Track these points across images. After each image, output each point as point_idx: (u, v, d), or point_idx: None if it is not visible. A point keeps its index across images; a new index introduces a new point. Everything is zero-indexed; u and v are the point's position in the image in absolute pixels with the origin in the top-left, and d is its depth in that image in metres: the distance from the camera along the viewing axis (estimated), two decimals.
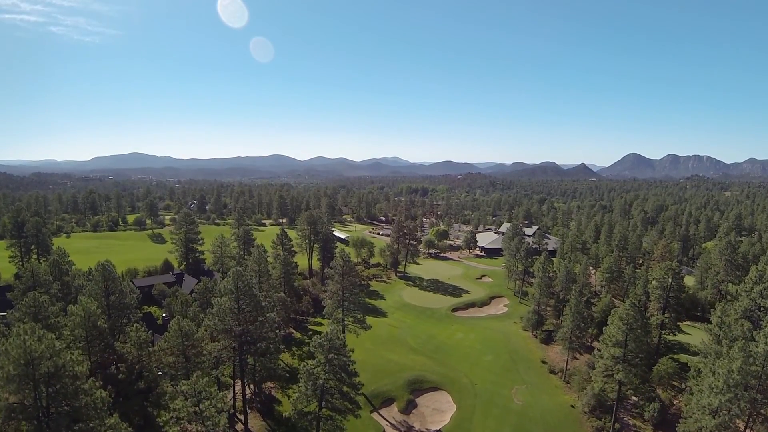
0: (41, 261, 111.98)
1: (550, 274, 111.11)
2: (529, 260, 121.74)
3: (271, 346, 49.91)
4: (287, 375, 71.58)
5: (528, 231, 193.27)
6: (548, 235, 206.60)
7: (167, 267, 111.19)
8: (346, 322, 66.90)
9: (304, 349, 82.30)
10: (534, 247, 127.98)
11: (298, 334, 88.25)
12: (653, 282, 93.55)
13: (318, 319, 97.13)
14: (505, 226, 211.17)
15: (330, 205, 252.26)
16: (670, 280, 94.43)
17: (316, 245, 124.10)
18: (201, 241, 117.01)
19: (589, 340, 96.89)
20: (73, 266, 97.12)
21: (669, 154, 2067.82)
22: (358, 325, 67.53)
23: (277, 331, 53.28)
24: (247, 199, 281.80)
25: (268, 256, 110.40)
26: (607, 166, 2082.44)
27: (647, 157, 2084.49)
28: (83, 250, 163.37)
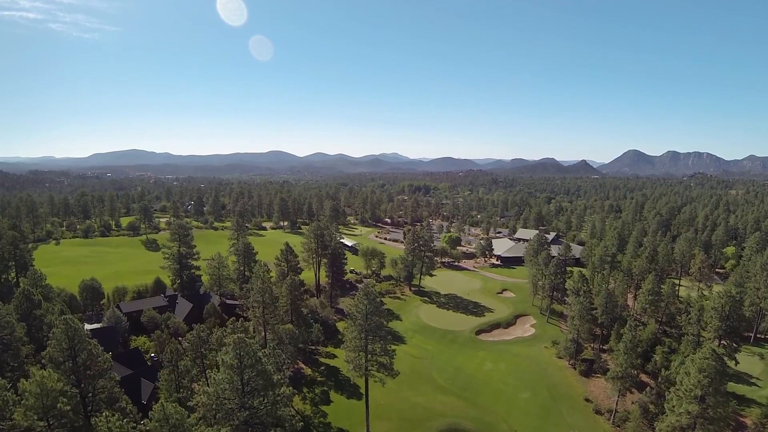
0: (20, 279, 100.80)
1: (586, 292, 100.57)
2: (559, 277, 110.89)
3: (287, 425, 38.83)
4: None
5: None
6: (564, 241, 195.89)
7: (159, 286, 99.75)
8: (369, 369, 55.95)
9: (316, 390, 71.40)
10: (561, 258, 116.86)
11: (308, 370, 77.16)
12: (710, 311, 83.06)
13: (330, 349, 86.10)
14: (522, 233, 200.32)
15: (334, 207, 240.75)
16: (728, 309, 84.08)
17: (323, 259, 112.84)
18: (196, 255, 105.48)
19: (635, 372, 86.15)
20: (52, 291, 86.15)
21: (669, 151, 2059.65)
22: (384, 372, 56.61)
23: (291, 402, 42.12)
24: (247, 201, 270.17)
25: (271, 275, 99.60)
26: (606, 162, 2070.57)
27: (647, 153, 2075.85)
28: (72, 259, 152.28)
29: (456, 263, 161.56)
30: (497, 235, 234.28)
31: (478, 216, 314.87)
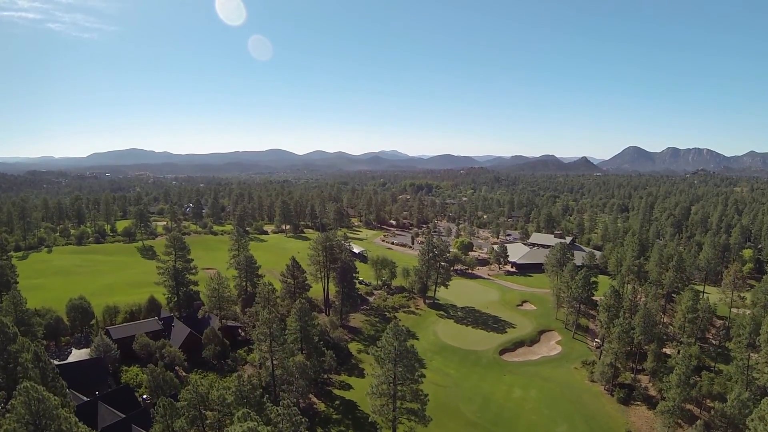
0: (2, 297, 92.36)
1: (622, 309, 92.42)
2: (586, 289, 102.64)
3: None
4: None
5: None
6: (580, 246, 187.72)
7: (153, 306, 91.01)
8: (398, 419, 47.77)
9: (332, 431, 63.09)
10: (588, 270, 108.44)
11: (321, 405, 68.78)
12: (765, 335, 74.73)
13: (344, 377, 77.81)
14: (536, 237, 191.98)
15: (338, 211, 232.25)
16: None
17: (332, 272, 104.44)
18: (194, 270, 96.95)
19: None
20: (34, 316, 77.49)
21: (669, 147, 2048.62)
22: (414, 420, 48.44)
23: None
24: (247, 204, 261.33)
25: (276, 295, 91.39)
26: (607, 159, 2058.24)
27: (647, 150, 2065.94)
28: (63, 269, 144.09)
29: (469, 271, 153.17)
30: (507, 237, 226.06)
31: (485, 217, 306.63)
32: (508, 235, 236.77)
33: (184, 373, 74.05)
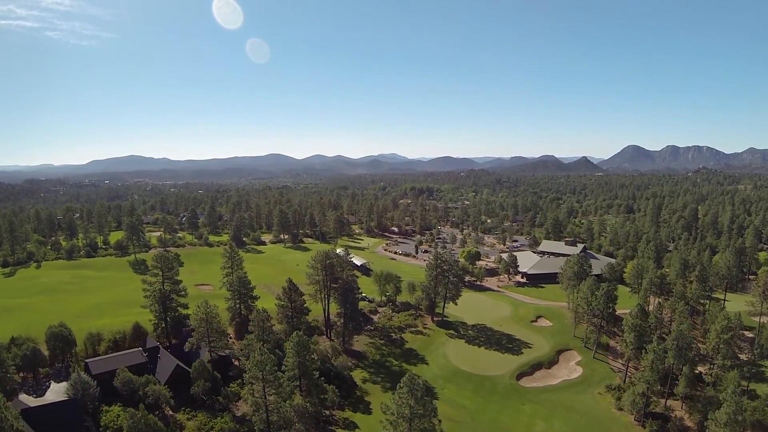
0: None
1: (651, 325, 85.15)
2: (609, 305, 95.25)
3: None
4: None
5: (571, 249, 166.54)
6: (592, 253, 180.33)
7: (138, 333, 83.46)
8: None
9: None
10: (606, 281, 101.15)
11: None
12: None
13: (348, 413, 70.21)
14: (546, 245, 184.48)
15: (338, 219, 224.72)
16: None
17: (333, 292, 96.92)
18: (183, 292, 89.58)
19: None
20: (8, 350, 70.16)
21: (668, 146, 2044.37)
22: None
23: None
24: (244, 213, 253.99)
25: (272, 321, 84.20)
26: (606, 158, 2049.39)
27: (647, 148, 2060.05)
28: (50, 287, 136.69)
29: (477, 282, 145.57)
30: (514, 244, 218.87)
31: (489, 222, 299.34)
32: (515, 241, 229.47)
33: (170, 413, 66.72)
